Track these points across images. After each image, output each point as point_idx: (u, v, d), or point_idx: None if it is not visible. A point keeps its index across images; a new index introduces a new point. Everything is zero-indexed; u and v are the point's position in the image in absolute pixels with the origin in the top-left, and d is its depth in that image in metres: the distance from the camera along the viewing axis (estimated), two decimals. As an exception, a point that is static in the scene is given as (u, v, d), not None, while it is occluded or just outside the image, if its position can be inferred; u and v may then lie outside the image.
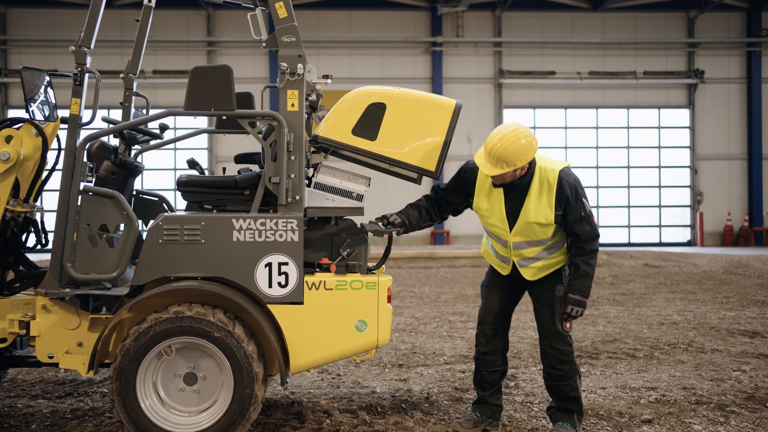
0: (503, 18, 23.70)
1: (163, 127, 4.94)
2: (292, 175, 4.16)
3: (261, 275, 4.13)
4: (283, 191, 4.12)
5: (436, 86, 22.88)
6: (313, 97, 4.31)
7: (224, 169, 4.88)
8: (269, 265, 4.13)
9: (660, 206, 24.32)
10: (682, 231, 24.54)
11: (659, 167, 24.25)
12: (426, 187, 23.72)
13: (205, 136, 22.17)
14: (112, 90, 10.56)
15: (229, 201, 4.40)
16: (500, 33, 23.64)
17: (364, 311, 4.19)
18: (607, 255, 17.71)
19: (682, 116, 24.35)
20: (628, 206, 24.15)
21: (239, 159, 5.05)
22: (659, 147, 24.26)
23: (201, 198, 4.42)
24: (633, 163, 24.10)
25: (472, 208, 4.52)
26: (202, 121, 18.46)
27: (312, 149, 4.59)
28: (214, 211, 4.40)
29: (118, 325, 4.24)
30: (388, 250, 4.49)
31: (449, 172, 22.97)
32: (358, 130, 4.25)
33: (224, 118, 4.17)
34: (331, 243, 4.41)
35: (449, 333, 7.93)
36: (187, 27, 22.88)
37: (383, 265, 4.70)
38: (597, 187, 23.70)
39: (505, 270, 4.50)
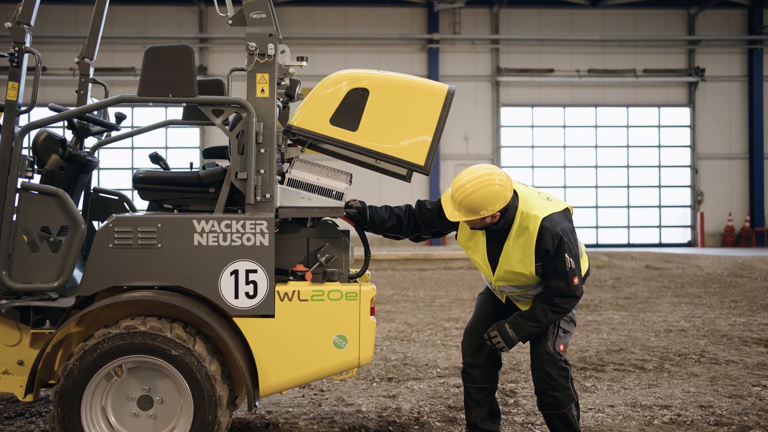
0: (501, 15, 23.35)
1: (120, 117, 4.42)
2: (262, 170, 3.66)
3: (226, 284, 3.63)
4: (252, 188, 3.62)
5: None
6: (286, 81, 3.80)
7: (191, 164, 4.38)
8: (235, 272, 3.63)
9: (660, 206, 23.98)
10: (682, 231, 24.22)
11: (659, 167, 23.90)
12: (423, 188, 23.36)
13: (196, 132, 21.59)
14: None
15: (191, 200, 3.90)
16: (498, 30, 23.29)
17: (344, 325, 3.69)
18: (607, 256, 17.23)
19: (683, 115, 23.99)
20: (628, 206, 23.81)
21: (208, 153, 4.54)
22: (659, 146, 23.89)
23: (160, 196, 3.91)
24: (632, 162, 23.75)
25: (446, 228, 4.01)
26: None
27: (287, 142, 4.09)
28: (175, 211, 3.90)
29: (64, 341, 3.74)
30: (367, 254, 3.98)
31: (445, 171, 22.45)
32: (337, 120, 3.75)
33: (184, 105, 3.66)
34: (307, 247, 3.91)
35: (443, 341, 7.43)
36: (179, 23, 22.37)
37: (366, 272, 4.20)
38: (596, 186, 23.35)
39: (501, 296, 4.07)
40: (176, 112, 4.78)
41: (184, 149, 21.66)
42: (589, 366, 6.19)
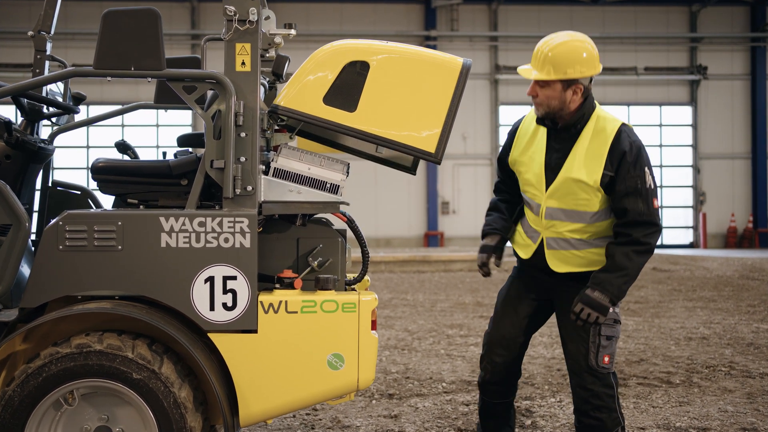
0: (499, 11, 22.94)
1: (79, 98, 3.83)
2: (243, 158, 3.08)
3: (200, 294, 3.05)
4: (230, 180, 3.04)
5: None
6: (272, 54, 3.21)
7: (164, 153, 3.79)
8: (211, 280, 3.05)
9: (662, 207, 23.55)
10: (684, 232, 23.88)
11: (660, 166, 23.47)
12: (420, 191, 22.84)
13: (187, 114, 20.92)
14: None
15: (160, 193, 3.32)
16: (496, 27, 22.91)
17: (340, 342, 3.11)
18: (611, 258, 16.69)
19: (684, 114, 23.65)
20: (629, 207, 23.36)
21: (183, 140, 3.95)
22: (660, 145, 23.52)
23: (123, 189, 3.33)
24: (633, 162, 23.30)
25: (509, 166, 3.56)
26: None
27: (274, 127, 3.52)
28: (141, 207, 3.32)
29: (8, 362, 3.15)
30: (365, 256, 3.39)
31: (442, 173, 22.02)
32: (331, 99, 3.17)
33: (149, 80, 3.09)
34: (297, 250, 3.33)
35: (447, 351, 6.85)
36: (170, 19, 21.81)
37: (366, 277, 3.64)
38: (597, 187, 22.86)
39: (527, 250, 3.45)
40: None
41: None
42: (610, 380, 5.61)
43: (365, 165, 4.68)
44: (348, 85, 3.16)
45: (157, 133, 21.58)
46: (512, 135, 3.58)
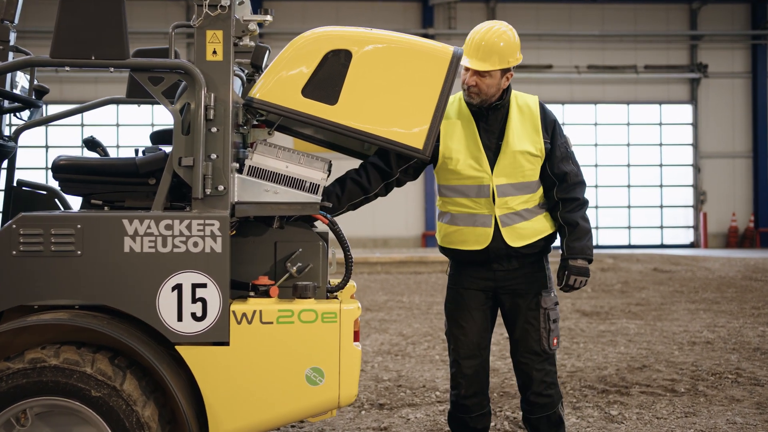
0: (497, 9, 22.72)
1: (41, 91, 3.58)
2: (214, 155, 2.83)
3: (166, 303, 2.80)
4: (199, 178, 2.79)
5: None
6: (246, 42, 2.96)
7: (137, 150, 3.53)
8: (178, 287, 2.80)
9: (662, 206, 23.41)
10: (684, 232, 23.63)
11: (660, 165, 23.29)
12: (418, 189, 22.58)
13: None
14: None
15: (127, 194, 3.07)
16: (494, 24, 22.63)
17: (320, 355, 2.86)
18: (612, 258, 16.46)
19: (685, 112, 23.37)
20: (629, 206, 23.21)
21: (157, 137, 3.69)
22: (660, 144, 23.28)
23: (86, 189, 3.08)
24: (633, 161, 23.17)
25: (435, 160, 3.38)
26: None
27: (252, 122, 3.28)
28: (106, 208, 3.07)
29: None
30: (348, 260, 3.14)
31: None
32: (310, 91, 2.93)
33: (112, 70, 2.84)
34: (275, 254, 3.09)
35: (443, 356, 6.60)
36: (166, 17, 21.56)
37: (351, 283, 3.39)
38: (596, 186, 22.67)
39: (483, 239, 3.40)
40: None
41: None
42: (612, 388, 5.37)
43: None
44: (329, 76, 2.93)
45: (117, 133, 21.12)
46: None
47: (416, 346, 7.17)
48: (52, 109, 4.07)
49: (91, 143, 3.56)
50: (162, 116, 20.83)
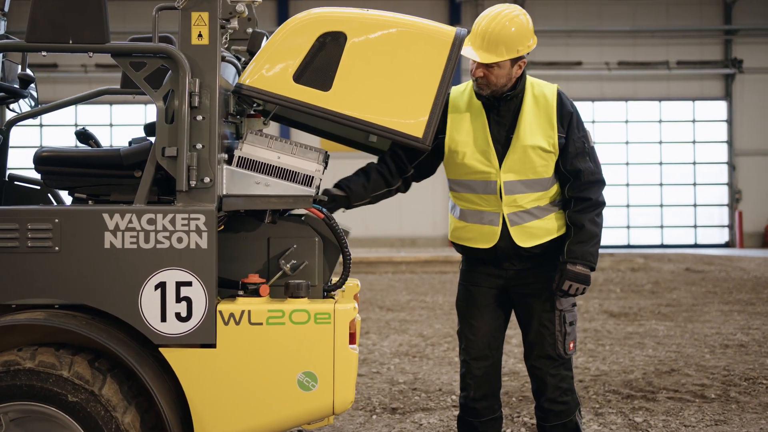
0: (526, 5, 22.27)
1: (26, 80, 3.44)
2: (199, 145, 2.66)
3: (149, 302, 2.63)
4: (183, 170, 2.62)
5: (455, 78, 21.41)
6: (234, 24, 2.78)
7: (131, 142, 3.37)
8: (162, 286, 2.64)
9: (695, 205, 22.89)
10: (719, 231, 23.10)
11: (694, 163, 22.78)
12: (439, 186, 22.32)
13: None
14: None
15: (112, 187, 2.91)
16: (523, 21, 22.36)
17: (313, 359, 2.67)
18: (643, 258, 16.07)
19: (719, 109, 22.84)
20: (661, 205, 22.75)
21: (150, 129, 3.53)
22: (694, 142, 22.76)
23: (70, 182, 2.92)
24: (666, 159, 22.72)
25: (443, 153, 3.20)
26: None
27: (249, 111, 3.11)
28: (90, 202, 2.91)
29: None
30: (346, 257, 2.94)
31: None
32: (303, 76, 2.74)
33: (91, 55, 2.68)
34: (268, 251, 2.91)
35: (461, 359, 6.38)
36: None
37: (356, 282, 3.19)
38: (627, 185, 22.31)
39: (491, 238, 3.21)
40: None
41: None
42: (638, 393, 5.10)
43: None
44: (322, 60, 2.74)
45: (111, 133, 21.04)
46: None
47: (435, 347, 6.96)
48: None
49: (83, 135, 3.42)
50: (122, 117, 20.74)
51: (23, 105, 3.57)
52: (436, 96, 2.73)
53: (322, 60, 2.74)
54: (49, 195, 3.59)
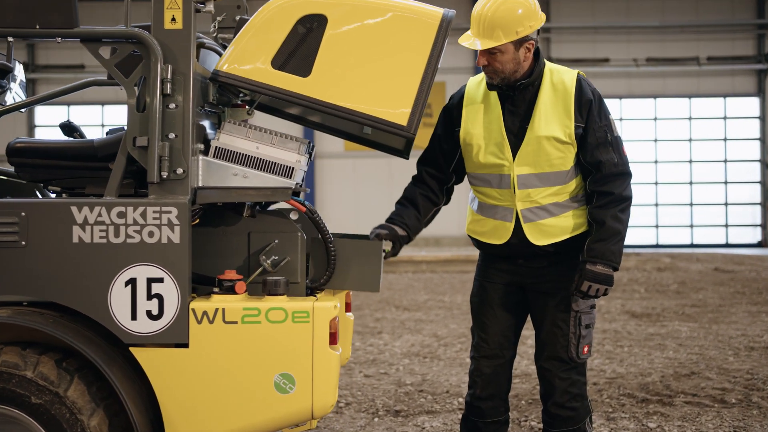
0: (551, 2, 22.05)
1: (4, 70, 3.34)
2: (172, 135, 2.53)
3: (119, 299, 2.52)
4: (155, 160, 2.50)
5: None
6: (210, 8, 2.65)
7: (108, 132, 3.24)
8: (132, 282, 2.51)
9: (726, 204, 22.37)
10: (752, 231, 22.54)
11: (725, 161, 22.24)
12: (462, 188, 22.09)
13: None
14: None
15: (87, 179, 2.80)
16: (548, 18, 21.88)
17: (290, 360, 2.53)
18: (670, 258, 15.71)
19: (751, 105, 22.28)
20: (691, 204, 22.26)
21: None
22: (725, 139, 22.22)
23: (45, 175, 2.83)
24: (696, 157, 22.22)
25: (458, 146, 3.12)
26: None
27: (235, 100, 2.99)
28: (64, 195, 2.81)
29: None
30: (331, 255, 2.79)
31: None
32: (281, 61, 2.60)
33: (58, 40, 2.57)
34: (249, 246, 2.77)
35: (474, 360, 6.20)
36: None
37: (330, 282, 3.02)
38: (655, 183, 21.87)
39: (502, 233, 3.08)
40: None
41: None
42: (653, 397, 4.89)
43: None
44: (301, 45, 2.60)
45: (103, 134, 20.98)
46: (456, 109, 3.13)
47: (448, 348, 6.79)
48: (37, 109, 3.83)
49: (67, 127, 3.32)
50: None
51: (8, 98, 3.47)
52: (421, 81, 2.57)
53: (302, 44, 2.60)
54: (35, 189, 3.50)
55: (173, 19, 2.55)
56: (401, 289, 11.70)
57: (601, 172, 2.97)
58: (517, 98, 3.01)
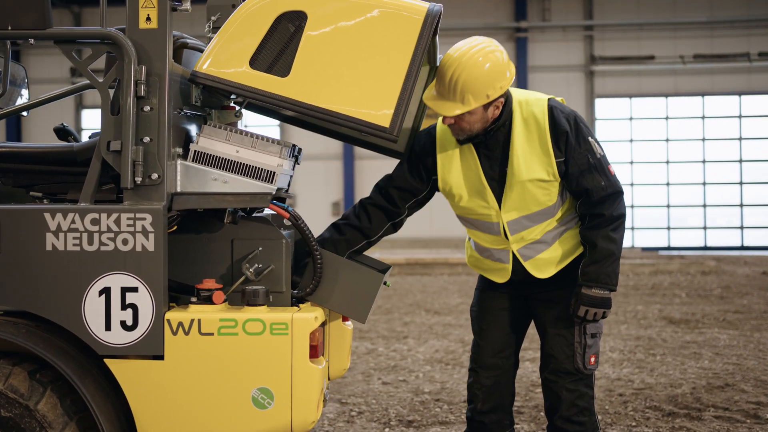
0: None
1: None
2: (146, 139, 2.44)
3: (93, 309, 2.43)
4: (128, 165, 2.41)
5: (521, 76, 20.92)
6: (186, 6, 2.55)
7: (91, 136, 3.16)
8: (106, 291, 2.43)
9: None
10: (807, 233, 21.76)
11: (775, 160, 21.58)
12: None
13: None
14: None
15: (68, 185, 2.73)
16: (591, 15, 21.62)
17: (268, 373, 2.42)
18: (715, 261, 15.20)
19: (807, 101, 21.61)
20: (741, 204, 21.56)
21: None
22: (778, 137, 21.57)
23: (25, 180, 2.76)
24: (745, 156, 21.53)
25: (438, 190, 2.99)
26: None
27: (225, 102, 2.90)
28: (45, 201, 2.74)
29: None
30: (317, 262, 2.67)
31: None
32: (259, 61, 2.49)
33: (32, 42, 2.50)
34: (232, 254, 2.67)
35: (498, 367, 6.01)
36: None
37: (317, 295, 2.89)
38: (704, 183, 21.25)
39: (503, 274, 3.00)
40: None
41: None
42: (681, 410, 4.65)
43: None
44: (280, 43, 2.49)
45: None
46: (430, 156, 2.95)
47: (473, 354, 6.60)
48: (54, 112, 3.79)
49: (62, 132, 3.27)
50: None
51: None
52: (404, 81, 2.43)
53: (281, 43, 2.48)
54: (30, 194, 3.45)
55: (148, 19, 2.46)
56: (435, 291, 11.54)
57: (590, 198, 2.88)
58: (490, 142, 2.89)
